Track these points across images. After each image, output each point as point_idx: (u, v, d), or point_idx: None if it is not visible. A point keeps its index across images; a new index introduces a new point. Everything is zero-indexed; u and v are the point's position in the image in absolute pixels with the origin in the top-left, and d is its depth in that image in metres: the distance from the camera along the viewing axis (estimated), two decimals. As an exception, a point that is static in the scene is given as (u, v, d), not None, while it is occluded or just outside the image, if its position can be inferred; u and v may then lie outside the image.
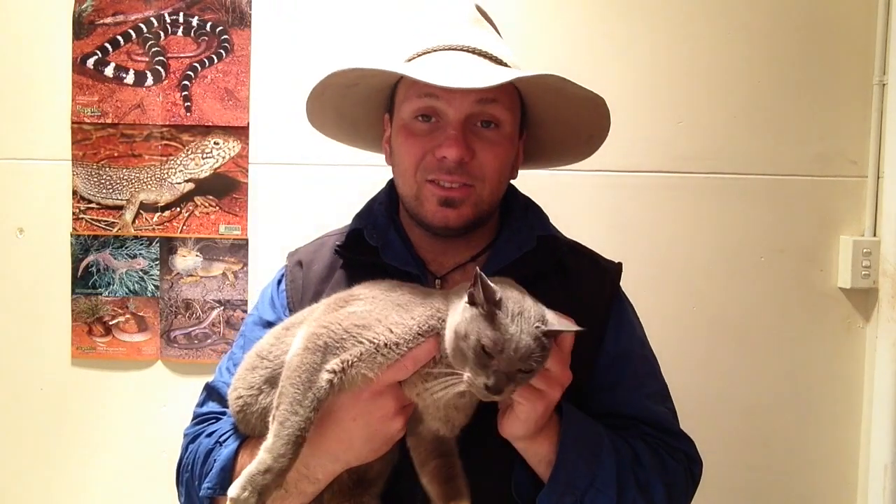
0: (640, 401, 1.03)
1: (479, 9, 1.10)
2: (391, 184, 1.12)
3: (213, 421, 1.04)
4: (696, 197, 1.74)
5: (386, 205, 1.10)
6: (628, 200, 1.74)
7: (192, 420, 1.08)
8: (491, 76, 0.92)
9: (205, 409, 1.07)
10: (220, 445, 0.96)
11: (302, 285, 1.08)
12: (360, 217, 1.11)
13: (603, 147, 1.76)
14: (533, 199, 1.16)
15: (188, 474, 0.99)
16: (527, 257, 1.03)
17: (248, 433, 0.94)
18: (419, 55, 1.03)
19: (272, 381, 0.88)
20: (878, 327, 1.72)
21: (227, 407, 1.04)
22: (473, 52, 1.01)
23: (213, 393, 1.08)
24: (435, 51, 1.02)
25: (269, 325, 1.07)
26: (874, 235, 1.73)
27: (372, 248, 1.05)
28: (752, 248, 1.74)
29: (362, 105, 1.10)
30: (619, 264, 1.12)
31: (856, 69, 1.72)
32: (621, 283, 1.12)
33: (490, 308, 0.78)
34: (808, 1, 1.72)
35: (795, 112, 1.73)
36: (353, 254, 1.06)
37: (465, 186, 0.98)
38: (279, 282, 1.12)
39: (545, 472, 0.90)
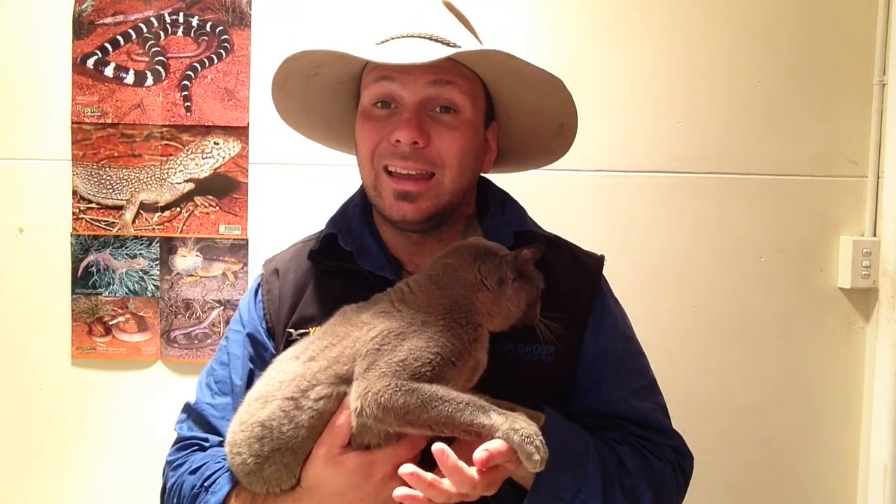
0: (623, 398, 1.00)
1: (445, 3, 1.08)
2: (363, 186, 1.09)
3: (197, 448, 1.02)
4: (696, 197, 1.74)
5: (361, 207, 1.08)
6: (628, 200, 1.74)
7: (175, 444, 1.04)
8: (435, 52, 0.91)
9: (186, 432, 1.04)
10: (207, 492, 0.93)
11: (278, 296, 1.05)
12: (334, 221, 1.08)
13: (603, 147, 1.76)
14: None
15: None
16: None
17: (254, 491, 0.90)
18: (381, 43, 1.02)
19: (282, 450, 0.86)
20: (878, 327, 1.72)
21: (211, 433, 1.02)
22: (430, 38, 1.00)
23: (193, 414, 1.05)
24: (395, 38, 1.01)
25: (250, 337, 1.05)
26: (874, 235, 1.73)
27: (347, 253, 1.03)
28: (752, 248, 1.74)
29: (329, 99, 1.08)
30: (601, 256, 1.10)
31: (856, 69, 1.72)
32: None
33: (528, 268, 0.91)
34: (808, 1, 1.72)
35: (795, 112, 1.73)
36: (327, 259, 1.04)
37: (423, 179, 0.96)
38: (256, 292, 1.10)
39: (528, 478, 0.88)
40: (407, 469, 0.76)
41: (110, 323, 1.78)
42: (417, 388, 0.78)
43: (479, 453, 0.74)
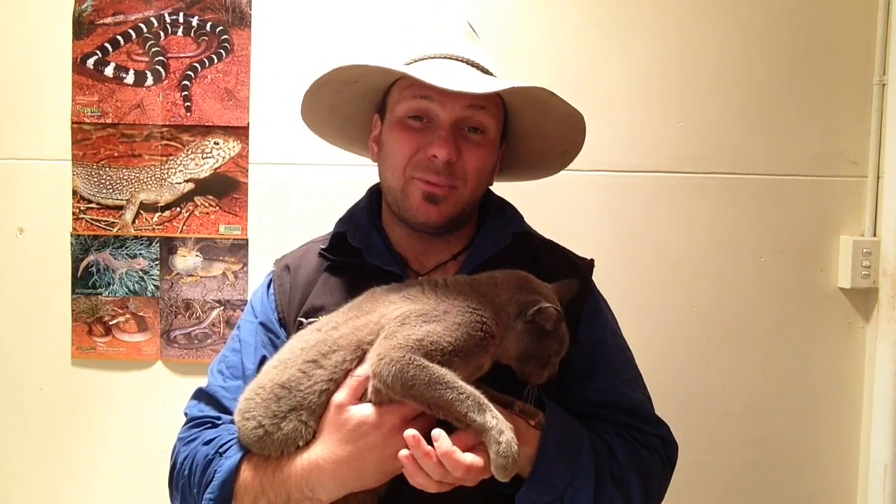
0: (617, 387, 1.06)
1: (469, 25, 1.16)
2: (371, 191, 1.18)
3: (209, 426, 1.04)
4: (696, 197, 1.74)
5: (367, 210, 1.15)
6: (628, 200, 1.74)
7: (186, 423, 1.07)
8: (486, 84, 0.99)
9: (198, 412, 1.06)
10: (221, 456, 0.95)
11: (289, 289, 1.11)
12: (342, 221, 1.15)
13: (603, 147, 1.76)
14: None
15: (183, 480, 0.99)
16: (503, 253, 1.08)
17: (266, 455, 0.93)
18: (417, 60, 1.08)
19: (298, 409, 0.90)
20: (878, 327, 1.72)
21: (224, 412, 1.04)
22: (467, 62, 1.08)
23: (204, 397, 1.08)
24: (432, 58, 1.08)
25: (263, 325, 1.10)
26: (874, 235, 1.73)
27: (355, 249, 1.09)
28: (752, 248, 1.74)
29: (357, 103, 1.13)
30: (591, 260, 1.16)
31: (856, 69, 1.72)
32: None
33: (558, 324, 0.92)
34: (808, 1, 1.72)
35: (795, 112, 1.73)
36: (336, 256, 1.10)
37: (449, 187, 1.03)
38: (268, 286, 1.15)
39: (526, 468, 0.91)
40: (410, 433, 0.81)
41: (110, 323, 1.78)
42: (428, 367, 0.83)
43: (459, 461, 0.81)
